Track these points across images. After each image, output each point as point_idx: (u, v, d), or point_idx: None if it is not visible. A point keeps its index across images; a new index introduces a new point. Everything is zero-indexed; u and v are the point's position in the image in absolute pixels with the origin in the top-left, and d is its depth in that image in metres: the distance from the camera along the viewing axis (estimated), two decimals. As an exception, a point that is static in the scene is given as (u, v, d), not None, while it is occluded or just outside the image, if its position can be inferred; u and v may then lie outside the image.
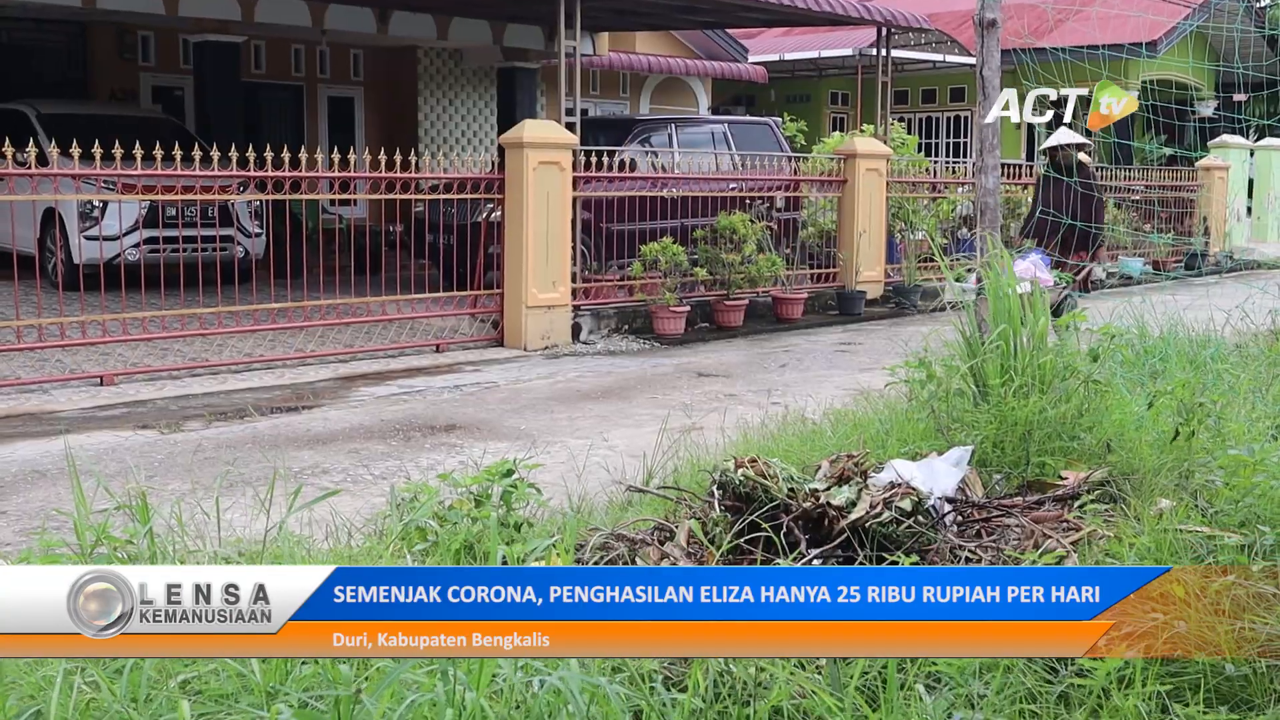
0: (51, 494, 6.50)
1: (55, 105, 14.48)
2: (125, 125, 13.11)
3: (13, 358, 9.54)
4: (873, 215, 15.05)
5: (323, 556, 3.96)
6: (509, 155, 11.51)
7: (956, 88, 28.73)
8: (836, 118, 29.06)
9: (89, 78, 17.81)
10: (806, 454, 5.46)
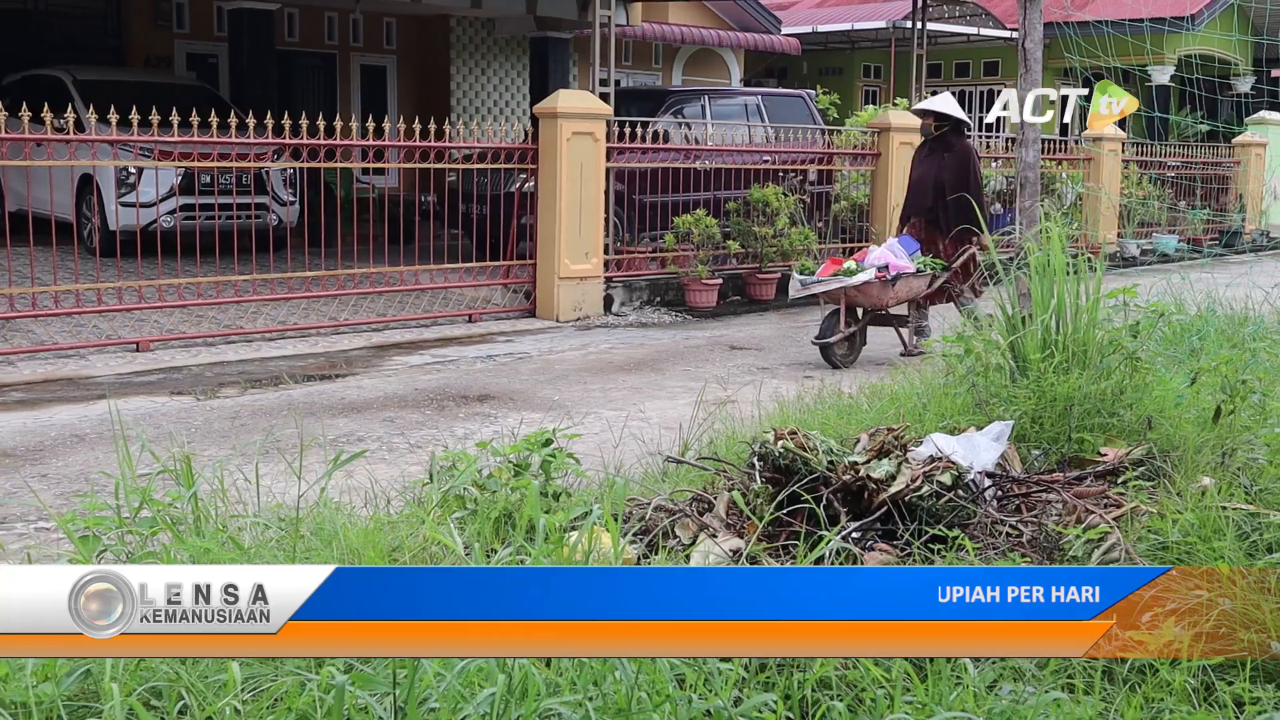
0: (90, 458, 6.56)
1: (92, 71, 14.52)
2: (160, 92, 13.13)
3: (50, 323, 9.61)
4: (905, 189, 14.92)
5: (362, 523, 3.97)
6: (543, 125, 11.49)
7: (991, 61, 28.49)
8: (869, 91, 28.88)
9: (124, 44, 17.86)
10: (843, 427, 5.45)
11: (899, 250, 9.57)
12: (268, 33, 16.24)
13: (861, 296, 9.19)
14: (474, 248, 12.14)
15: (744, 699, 2.58)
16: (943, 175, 9.89)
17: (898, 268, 9.29)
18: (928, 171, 10.06)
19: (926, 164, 10.14)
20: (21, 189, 12.59)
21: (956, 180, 9.79)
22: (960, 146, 10.08)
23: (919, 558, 3.57)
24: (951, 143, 10.07)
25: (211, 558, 3.41)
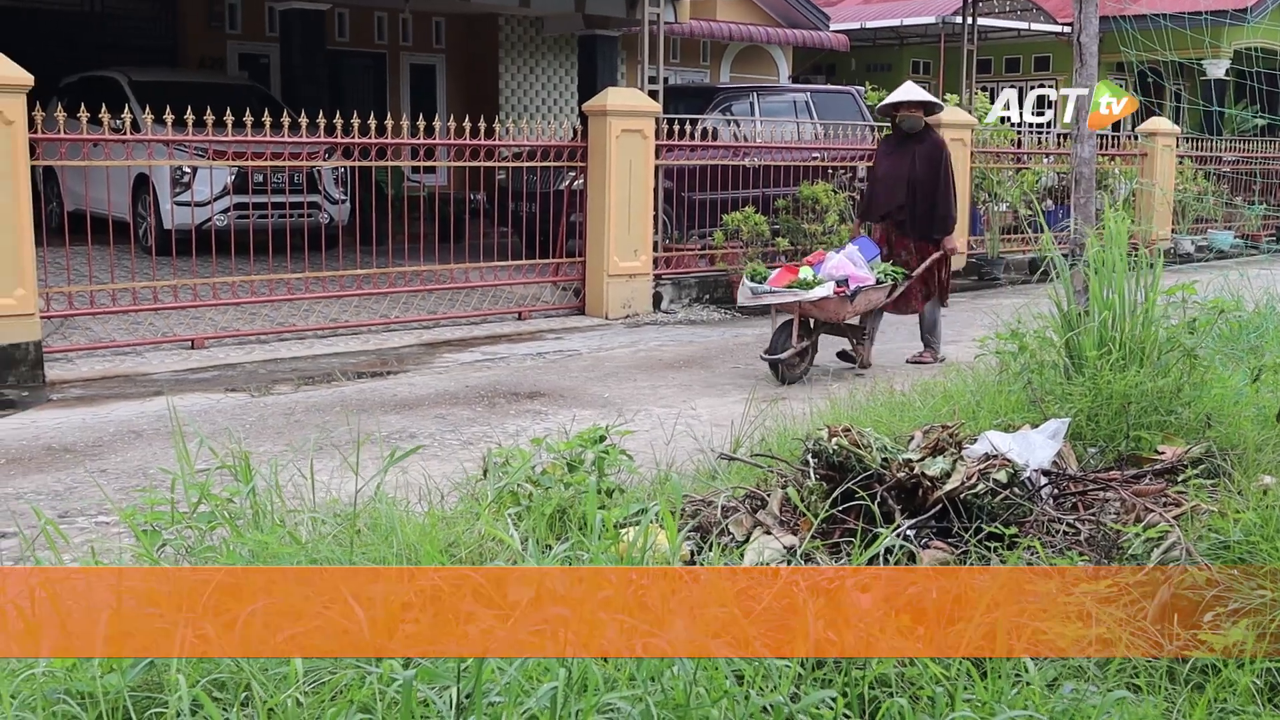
0: (148, 453, 6.64)
1: (147, 73, 14.69)
2: (214, 92, 13.28)
3: (108, 320, 9.74)
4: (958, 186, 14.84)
5: (418, 519, 4.00)
6: (592, 123, 11.51)
7: (1041, 56, 28.21)
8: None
9: (178, 45, 18.07)
10: (896, 424, 5.43)
11: (858, 258, 8.72)
12: (319, 33, 16.36)
13: (817, 310, 8.46)
14: (523, 245, 12.18)
15: (801, 695, 2.58)
16: (915, 169, 9.07)
17: (858, 280, 8.52)
18: (896, 167, 9.17)
19: (895, 159, 9.24)
20: (80, 189, 12.76)
21: (929, 175, 9.06)
22: (933, 139, 9.30)
23: (975, 555, 3.55)
24: (923, 134, 9.26)
25: (270, 552, 3.45)
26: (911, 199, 9.07)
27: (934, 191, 9.05)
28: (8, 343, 8.14)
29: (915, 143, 9.17)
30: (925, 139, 9.20)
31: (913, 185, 9.05)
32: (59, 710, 2.71)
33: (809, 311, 8.45)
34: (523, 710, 2.32)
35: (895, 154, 9.24)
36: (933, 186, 9.05)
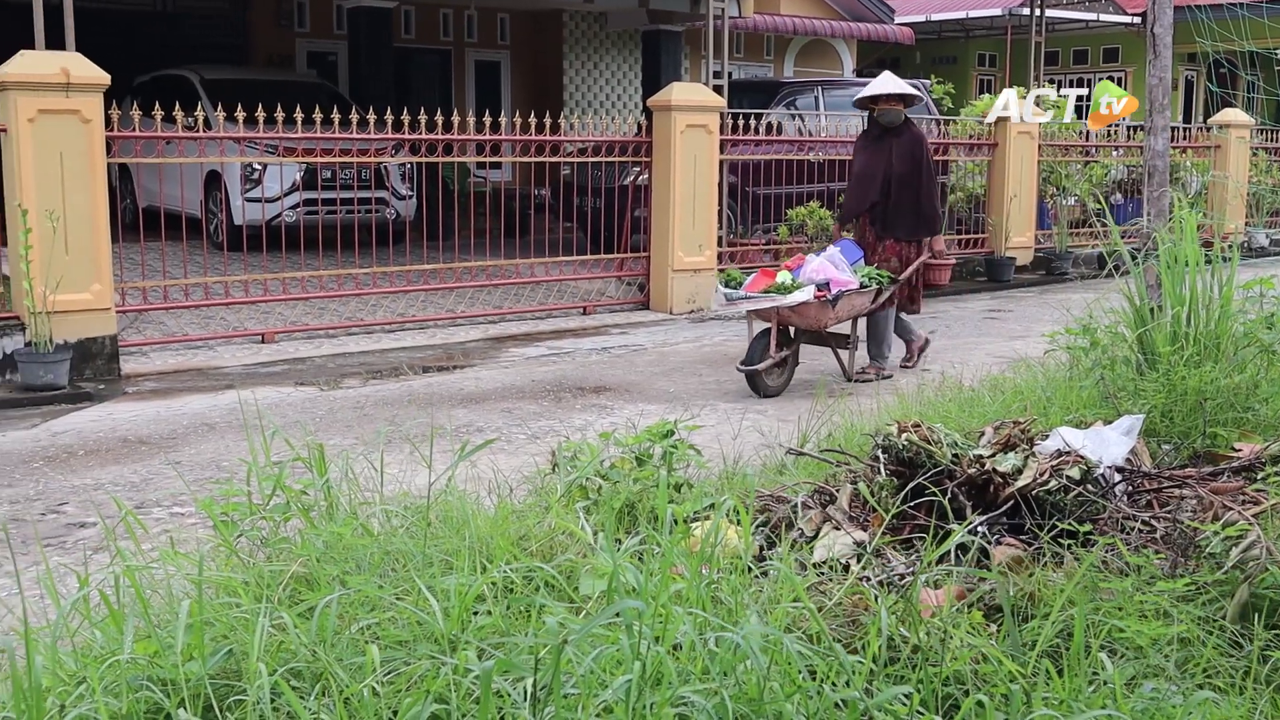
0: (220, 446, 6.75)
1: (218, 71, 14.91)
2: (283, 90, 13.45)
3: (181, 315, 9.90)
4: (1024, 179, 14.71)
5: (488, 512, 4.02)
6: (657, 118, 11.51)
7: (1110, 48, 27.83)
8: (983, 80, 28.41)
9: (248, 44, 18.30)
10: (965, 420, 5.38)
11: (840, 261, 8.20)
12: (385, 30, 16.51)
13: (796, 318, 7.91)
14: (588, 241, 12.22)
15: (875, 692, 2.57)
16: (894, 165, 8.56)
17: (840, 284, 7.99)
18: (874, 162, 8.65)
19: (871, 154, 8.73)
20: (154, 186, 12.98)
21: (910, 171, 8.55)
22: (912, 133, 8.74)
23: (1048, 552, 3.52)
24: (902, 128, 8.72)
25: (344, 544, 3.49)
26: (887, 196, 8.61)
27: (915, 189, 8.56)
28: (85, 336, 8.30)
29: (893, 137, 8.65)
30: (904, 133, 8.67)
31: (889, 182, 8.57)
32: (142, 696, 2.76)
33: (788, 318, 7.92)
34: (598, 702, 2.34)
35: (871, 149, 8.74)
36: (913, 183, 8.55)
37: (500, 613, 3.06)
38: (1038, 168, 15.00)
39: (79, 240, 8.18)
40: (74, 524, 5.39)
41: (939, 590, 3.23)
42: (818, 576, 3.46)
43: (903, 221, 8.60)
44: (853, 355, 8.40)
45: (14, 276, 8.23)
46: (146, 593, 3.20)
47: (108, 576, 3.48)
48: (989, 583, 3.25)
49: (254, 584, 3.23)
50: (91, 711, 2.61)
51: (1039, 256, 15.14)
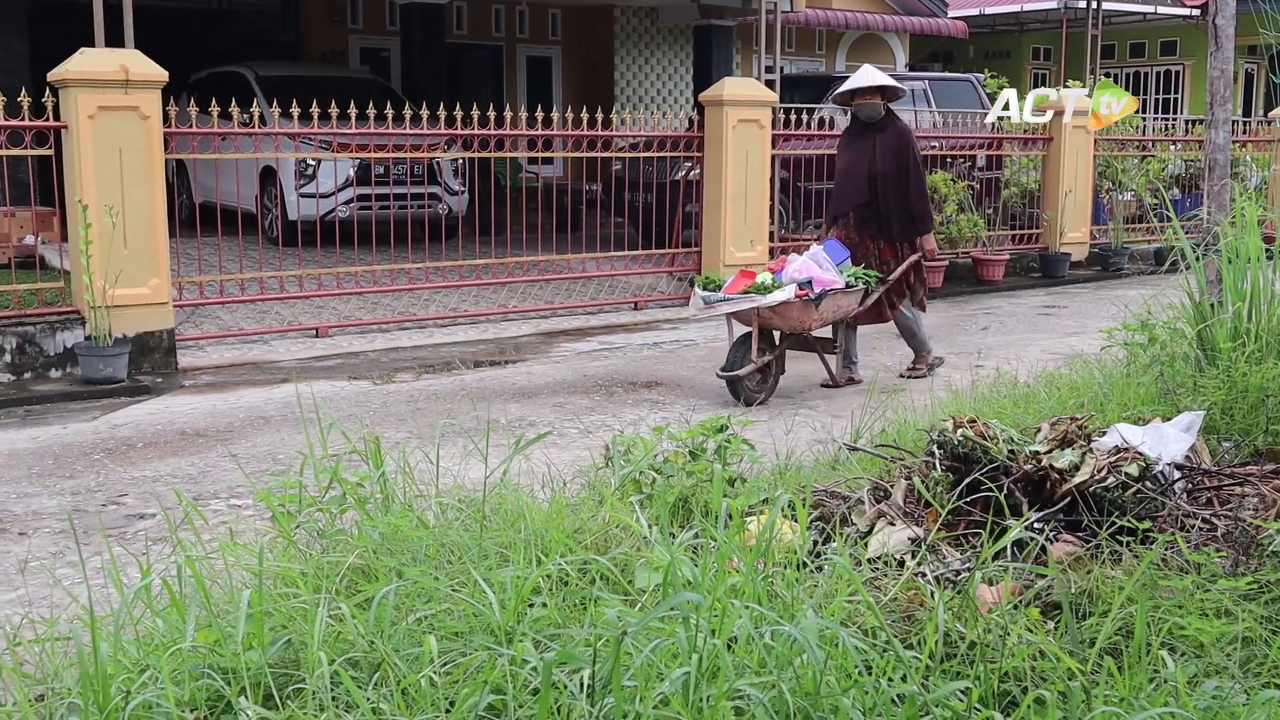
0: (276, 438, 6.82)
1: (272, 67, 15.04)
2: (336, 86, 13.56)
3: (236, 309, 10.01)
4: (1079, 174, 14.56)
5: (542, 505, 4.04)
6: (708, 113, 11.50)
7: (1168, 40, 27.47)
8: (1038, 74, 28.14)
9: (301, 40, 18.45)
10: (1020, 416, 5.34)
11: (824, 260, 7.82)
12: (438, 26, 16.59)
13: (778, 319, 7.51)
14: (639, 236, 12.23)
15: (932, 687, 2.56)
16: (878, 163, 8.16)
17: (823, 283, 7.59)
18: (858, 158, 8.26)
19: (854, 152, 8.32)
20: (210, 181, 13.13)
21: (895, 168, 8.16)
22: (896, 127, 8.32)
23: (1106, 549, 3.49)
24: (885, 122, 8.30)
25: (401, 536, 3.52)
26: (873, 195, 8.19)
27: (901, 187, 8.15)
28: (143, 330, 8.41)
29: (876, 132, 8.23)
30: (887, 128, 8.25)
31: (873, 180, 8.15)
32: (203, 685, 2.80)
33: (769, 320, 7.51)
34: (656, 694, 2.34)
35: (854, 146, 8.35)
36: (899, 181, 8.14)
37: (555, 605, 3.07)
38: (1094, 162, 14.84)
39: (137, 235, 8.29)
40: (134, 515, 5.46)
41: (995, 586, 3.21)
42: (872, 572, 3.45)
43: (890, 221, 8.20)
44: (839, 359, 8.06)
45: (74, 271, 8.35)
46: (206, 583, 3.24)
47: (169, 566, 3.53)
48: (1046, 579, 3.23)
49: (312, 575, 3.27)
50: (155, 698, 2.65)
51: (1094, 252, 14.98)
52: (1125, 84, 27.11)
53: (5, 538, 5.15)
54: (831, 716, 2.40)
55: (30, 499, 5.69)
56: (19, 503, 5.63)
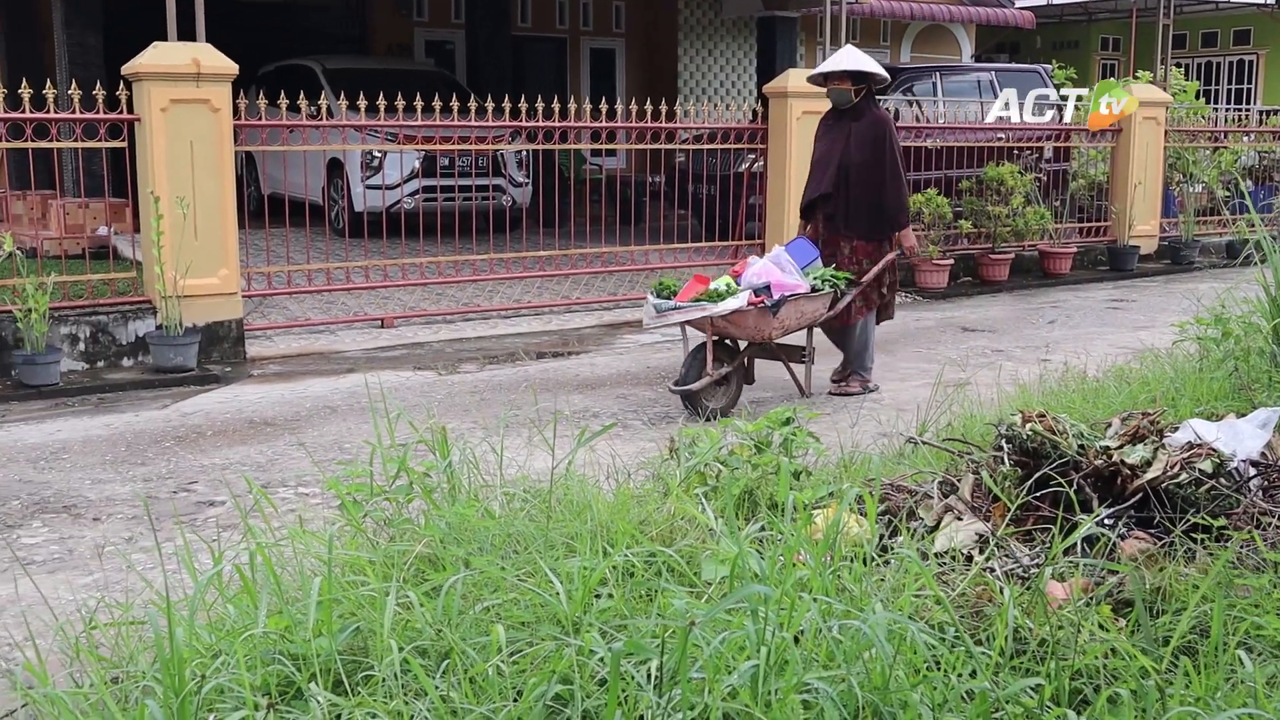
0: (342, 428, 6.89)
1: (339, 60, 15.18)
2: (402, 79, 13.64)
3: (303, 300, 10.12)
4: (1148, 166, 14.34)
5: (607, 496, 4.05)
6: (773, 105, 11.45)
7: (1241, 30, 26.98)
8: (1106, 64, 27.74)
9: (367, 34, 18.61)
10: (1090, 411, 5.28)
11: (786, 262, 7.22)
12: (502, 18, 16.67)
13: (734, 328, 6.94)
14: (702, 228, 12.20)
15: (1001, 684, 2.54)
16: (850, 154, 7.51)
17: (783, 287, 6.99)
18: (831, 150, 7.61)
19: (828, 141, 7.69)
20: (277, 173, 13.26)
21: (869, 161, 7.49)
22: (874, 116, 7.60)
23: (1180, 547, 3.44)
24: (862, 110, 7.58)
25: (468, 526, 3.55)
26: (844, 188, 7.57)
27: (876, 180, 7.50)
28: (212, 320, 8.53)
29: (851, 121, 7.56)
30: (863, 116, 7.55)
31: (845, 172, 7.53)
32: (274, 670, 2.83)
33: (724, 329, 6.95)
34: (724, 686, 2.34)
35: (829, 136, 7.72)
36: (874, 174, 7.48)
37: (621, 596, 3.08)
38: (1164, 154, 14.61)
39: (208, 226, 8.40)
40: (204, 502, 5.54)
41: (1066, 583, 3.17)
42: (939, 567, 3.42)
43: (861, 217, 7.55)
44: (809, 370, 7.47)
45: (146, 261, 8.48)
46: (276, 570, 3.28)
47: (240, 553, 3.58)
48: (1118, 576, 3.19)
49: (381, 563, 3.30)
50: (228, 683, 2.69)
51: (1164, 245, 14.75)
52: (1197, 75, 26.65)
53: (80, 523, 5.25)
54: (900, 712, 2.39)
55: (104, 485, 5.79)
56: (93, 489, 5.73)
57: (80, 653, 3.11)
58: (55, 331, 8.05)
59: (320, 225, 11.52)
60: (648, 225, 12.20)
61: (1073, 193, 14.23)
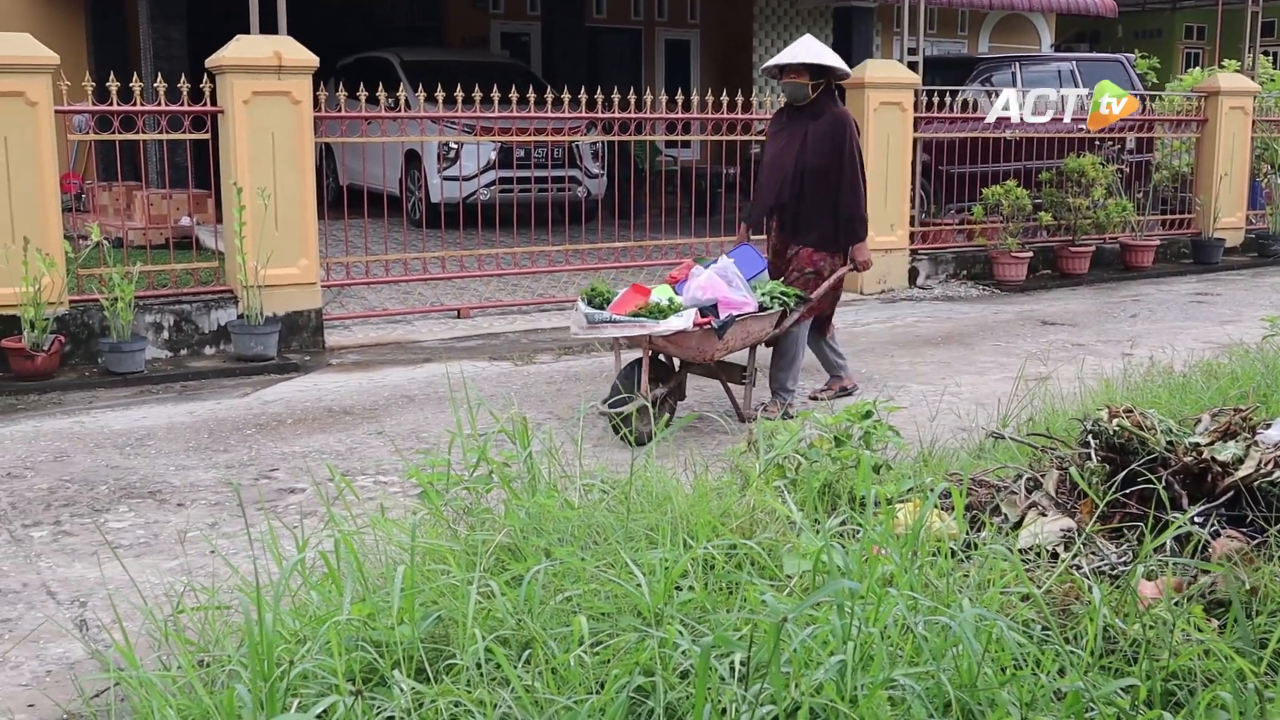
0: (420, 417, 6.94)
1: (416, 52, 15.29)
2: (478, 71, 13.73)
3: (380, 290, 10.21)
4: (1235, 157, 14.03)
5: (685, 488, 4.04)
6: (849, 96, 11.35)
7: (1333, 17, 26.28)
8: (1191, 53, 27.18)
9: (443, 26, 18.73)
10: (1177, 407, 5.18)
11: (734, 276, 6.51)
12: (578, 10, 16.69)
13: (675, 348, 6.30)
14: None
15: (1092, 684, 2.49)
16: (807, 156, 6.82)
17: (731, 305, 6.36)
18: (785, 150, 6.92)
19: (782, 141, 6.96)
20: (355, 165, 13.40)
21: (826, 164, 6.79)
22: (833, 114, 6.87)
23: (1275, 546, 3.35)
24: (821, 107, 6.87)
25: (548, 516, 3.55)
26: (799, 194, 6.88)
27: (834, 184, 6.80)
28: (292, 310, 8.63)
29: (808, 119, 6.87)
30: (822, 115, 6.85)
31: (800, 176, 6.84)
32: (357, 656, 2.86)
33: (663, 348, 6.33)
34: (811, 681, 2.32)
35: (784, 134, 6.98)
36: (831, 178, 6.80)
37: (703, 588, 3.07)
38: (1251, 145, 14.29)
39: (288, 217, 8.50)
40: (285, 489, 5.61)
41: (1156, 582, 3.11)
42: (1023, 563, 3.37)
43: (817, 225, 6.86)
44: (749, 391, 6.75)
45: (228, 251, 8.60)
46: (359, 557, 3.31)
47: (322, 541, 3.62)
48: (1209, 576, 3.12)
49: (462, 552, 3.31)
50: (314, 668, 2.72)
51: (1250, 238, 14.43)
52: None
53: (165, 508, 5.34)
54: (988, 710, 2.35)
55: (187, 471, 5.89)
56: (177, 475, 5.82)
57: (168, 636, 3.16)
58: (140, 320, 8.19)
59: (397, 216, 11.60)
60: (722, 216, 12.14)
61: (1156, 184, 13.97)
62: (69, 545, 4.88)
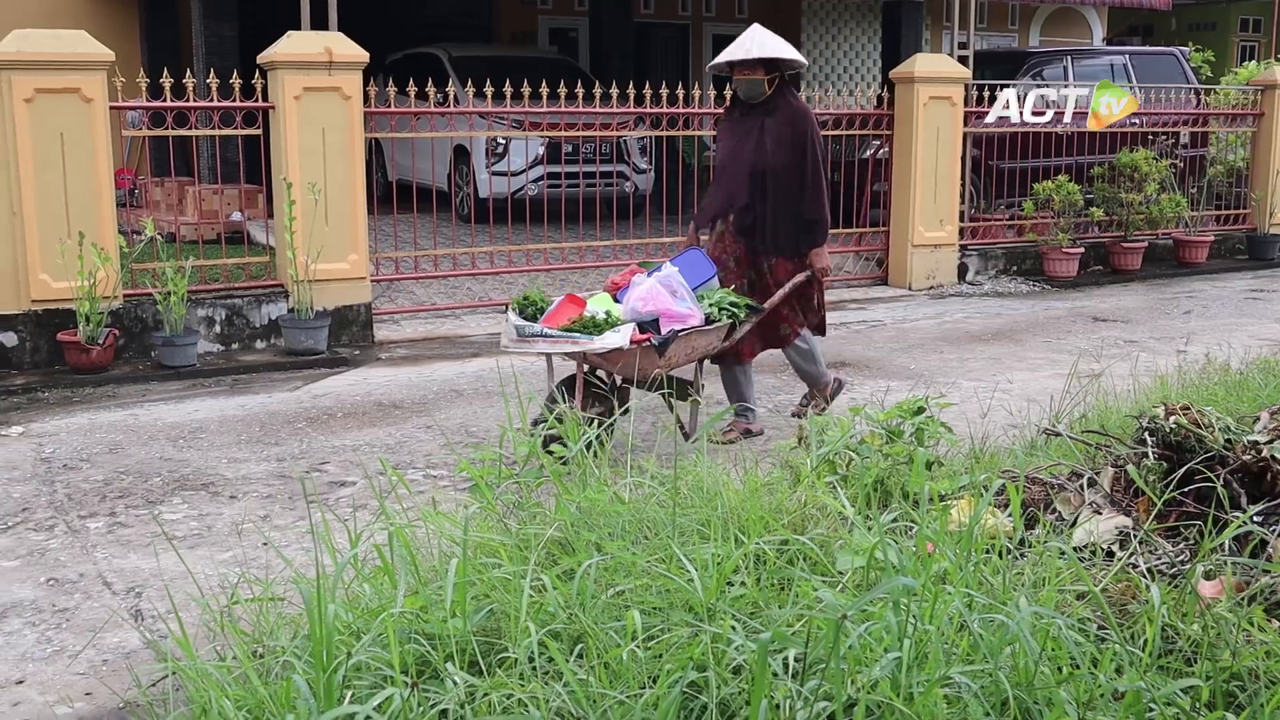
0: (469, 411, 6.96)
1: (464, 48, 15.34)
2: (526, 66, 13.75)
3: (429, 285, 10.25)
4: (1292, 151, 13.82)
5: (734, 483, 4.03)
6: (899, 90, 11.28)
7: (1392, 9, 25.83)
8: (1246, 46, 26.81)
9: (492, 21, 18.78)
10: (1234, 404, 5.11)
11: (679, 285, 5.86)
12: (625, 6, 16.68)
13: (611, 365, 5.69)
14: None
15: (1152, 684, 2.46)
16: (766, 155, 6.25)
17: (674, 318, 5.73)
18: (740, 149, 6.34)
19: (738, 137, 6.38)
20: (404, 160, 13.46)
21: (791, 164, 6.25)
22: (791, 110, 6.31)
23: (1336, 547, 3.30)
24: (775, 103, 6.31)
25: (599, 510, 3.55)
26: (756, 197, 6.30)
27: (793, 185, 6.27)
28: (342, 304, 8.68)
29: (763, 115, 6.30)
30: (777, 110, 6.29)
31: (762, 177, 6.26)
32: (410, 649, 2.87)
33: (599, 365, 5.74)
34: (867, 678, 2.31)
35: (736, 133, 6.41)
36: (790, 178, 6.25)
37: (755, 584, 3.06)
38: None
39: (338, 212, 8.55)
40: (335, 482, 5.65)
41: (1215, 581, 3.07)
42: (1078, 561, 3.33)
43: (780, 230, 6.31)
44: (695, 409, 6.11)
45: (279, 246, 8.67)
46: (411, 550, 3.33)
47: (374, 533, 3.64)
48: (1271, 576, 3.07)
49: (514, 546, 3.32)
50: (369, 660, 2.73)
51: (1307, 235, 14.22)
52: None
53: (218, 500, 5.39)
54: (1046, 709, 2.33)
55: (239, 464, 5.94)
56: (229, 467, 5.88)
57: (223, 627, 3.19)
58: (193, 314, 8.27)
59: (446, 211, 11.64)
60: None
61: (1210, 179, 13.78)
62: (124, 536, 4.94)
